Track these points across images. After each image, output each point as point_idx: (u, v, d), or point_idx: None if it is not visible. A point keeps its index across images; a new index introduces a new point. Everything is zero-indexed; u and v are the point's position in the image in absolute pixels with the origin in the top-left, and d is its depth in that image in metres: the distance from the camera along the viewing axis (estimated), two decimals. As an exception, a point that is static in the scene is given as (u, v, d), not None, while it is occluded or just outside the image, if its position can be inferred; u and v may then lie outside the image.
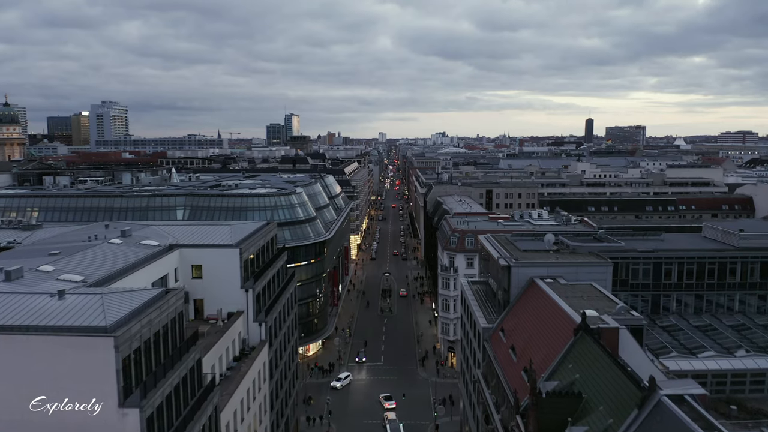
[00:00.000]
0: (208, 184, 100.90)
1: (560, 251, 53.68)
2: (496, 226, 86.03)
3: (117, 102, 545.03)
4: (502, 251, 53.14)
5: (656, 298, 54.35)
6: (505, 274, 49.26)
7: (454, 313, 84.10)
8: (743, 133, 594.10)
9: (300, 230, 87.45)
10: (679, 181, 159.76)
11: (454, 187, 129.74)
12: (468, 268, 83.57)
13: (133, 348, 29.29)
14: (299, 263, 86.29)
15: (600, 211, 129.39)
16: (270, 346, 51.92)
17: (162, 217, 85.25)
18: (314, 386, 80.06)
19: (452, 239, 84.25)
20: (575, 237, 57.52)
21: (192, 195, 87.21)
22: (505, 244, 56.72)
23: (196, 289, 49.60)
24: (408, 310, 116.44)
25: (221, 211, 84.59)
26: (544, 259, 50.30)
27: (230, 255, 49.00)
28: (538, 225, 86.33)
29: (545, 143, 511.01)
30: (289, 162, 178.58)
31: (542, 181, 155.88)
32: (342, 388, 79.55)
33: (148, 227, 54.80)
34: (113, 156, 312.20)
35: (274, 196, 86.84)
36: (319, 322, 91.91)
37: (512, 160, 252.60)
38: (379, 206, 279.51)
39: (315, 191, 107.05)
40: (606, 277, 48.61)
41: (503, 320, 48.59)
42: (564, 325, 38.37)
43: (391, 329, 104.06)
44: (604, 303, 42.38)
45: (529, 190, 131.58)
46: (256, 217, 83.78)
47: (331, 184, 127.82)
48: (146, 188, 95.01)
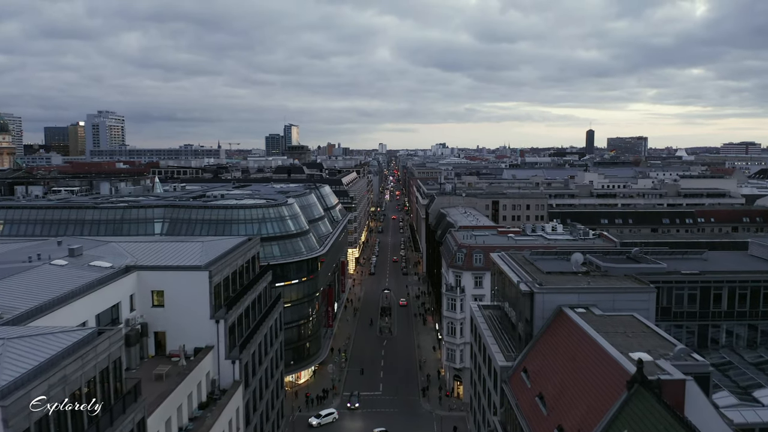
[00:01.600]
0: (193, 194, 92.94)
1: (590, 274, 45.61)
2: (507, 241, 78.05)
3: (114, 112, 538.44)
4: (522, 273, 45.09)
5: (703, 329, 46.21)
6: (527, 301, 41.14)
7: (461, 337, 75.74)
8: (746, 144, 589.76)
9: (290, 245, 79.40)
10: (694, 192, 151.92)
11: (458, 198, 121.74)
12: (476, 287, 75.36)
13: (33, 421, 21.30)
14: (289, 282, 78.22)
15: (613, 223, 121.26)
16: (246, 386, 43.66)
17: (138, 231, 77.44)
18: (304, 421, 71.57)
19: (458, 255, 76.08)
20: (605, 256, 49.44)
21: (171, 206, 79.22)
22: (523, 264, 48.68)
23: (158, 320, 41.43)
24: (409, 330, 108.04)
25: (203, 224, 76.59)
26: (573, 284, 42.19)
27: (197, 279, 40.88)
28: (553, 240, 78.44)
29: (546, 154, 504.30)
30: (284, 172, 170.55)
31: (550, 192, 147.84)
32: (320, 426, 70.05)
33: (106, 244, 46.75)
34: (107, 166, 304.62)
35: (262, 208, 78.86)
36: (311, 346, 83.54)
37: (516, 170, 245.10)
38: (379, 218, 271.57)
39: (309, 202, 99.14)
40: (648, 306, 40.52)
41: (525, 358, 40.41)
42: (608, 372, 30.26)
43: (391, 353, 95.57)
44: (653, 341, 34.27)
45: (537, 202, 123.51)
46: (242, 231, 75.94)
47: (326, 195, 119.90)
48: (123, 199, 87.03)
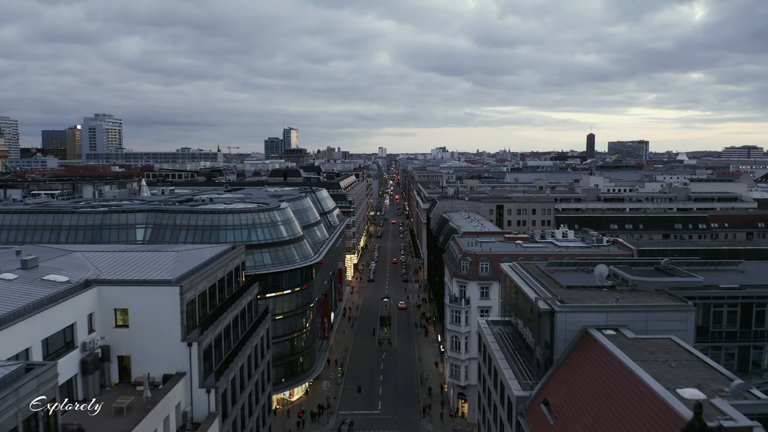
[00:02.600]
0: (181, 198, 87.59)
1: (616, 288, 40.23)
2: (515, 249, 72.68)
3: (111, 115, 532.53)
4: (539, 288, 39.68)
5: (744, 351, 40.79)
6: (547, 321, 35.75)
7: (465, 353, 70.19)
8: (748, 147, 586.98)
9: (283, 252, 73.99)
10: (705, 196, 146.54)
11: (460, 202, 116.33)
12: (483, 298, 69.91)
13: None
14: (281, 292, 72.83)
15: (623, 229, 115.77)
16: (225, 418, 38.17)
17: (119, 238, 72.15)
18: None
19: (463, 264, 70.61)
20: (631, 268, 43.99)
21: (155, 211, 73.86)
22: (538, 276, 43.29)
23: (121, 343, 36.01)
24: (409, 341, 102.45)
25: (188, 230, 71.22)
26: (599, 301, 36.79)
27: (166, 295, 35.47)
28: (565, 247, 73.08)
29: (547, 158, 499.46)
30: (280, 175, 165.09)
31: (555, 196, 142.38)
32: None
33: (69, 255, 41.36)
34: (101, 169, 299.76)
35: (252, 213, 73.46)
36: (305, 361, 77.98)
37: (518, 174, 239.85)
38: (379, 222, 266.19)
39: (304, 207, 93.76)
40: (687, 326, 35.11)
41: (546, 387, 34.99)
42: (655, 414, 24.84)
43: (391, 366, 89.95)
44: (701, 372, 28.83)
45: (544, 206, 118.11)
46: (230, 237, 70.62)
47: (323, 199, 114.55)
48: (107, 203, 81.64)
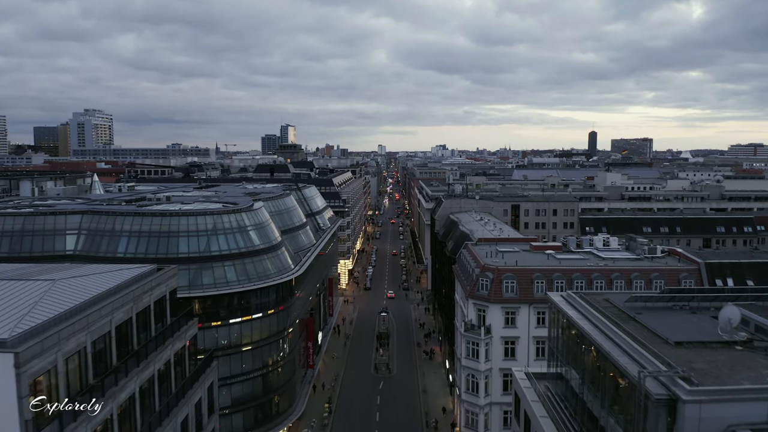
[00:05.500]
0: (133, 196, 72.16)
1: (754, 344, 24.88)
2: (548, 261, 57.23)
3: (101, 110, 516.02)
4: (629, 344, 24.22)
5: None
6: (662, 415, 20.40)
7: (486, 396, 54.60)
8: (754, 145, 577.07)
9: (252, 265, 58.39)
10: (740, 195, 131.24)
11: (470, 202, 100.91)
12: (507, 326, 54.34)
13: None
14: (249, 317, 57.35)
15: (658, 232, 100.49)
16: None
17: (44, 247, 56.82)
18: None
19: (482, 282, 54.99)
20: (764, 309, 28.57)
21: (92, 213, 58.39)
22: (617, 318, 27.92)
23: None
24: (411, 365, 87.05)
25: (130, 237, 55.64)
26: (749, 378, 21.44)
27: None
28: (610, 259, 57.63)
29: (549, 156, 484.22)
30: (266, 170, 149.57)
31: (575, 194, 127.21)
32: None
33: None
34: (86, 165, 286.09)
35: (214, 215, 57.91)
36: (282, 401, 62.44)
37: (526, 170, 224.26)
38: (377, 222, 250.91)
39: (286, 207, 78.33)
40: None
41: None
42: None
43: (390, 400, 74.36)
44: None
45: (566, 206, 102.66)
46: (183, 247, 55.28)
47: (311, 197, 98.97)
48: (40, 203, 66.23)
